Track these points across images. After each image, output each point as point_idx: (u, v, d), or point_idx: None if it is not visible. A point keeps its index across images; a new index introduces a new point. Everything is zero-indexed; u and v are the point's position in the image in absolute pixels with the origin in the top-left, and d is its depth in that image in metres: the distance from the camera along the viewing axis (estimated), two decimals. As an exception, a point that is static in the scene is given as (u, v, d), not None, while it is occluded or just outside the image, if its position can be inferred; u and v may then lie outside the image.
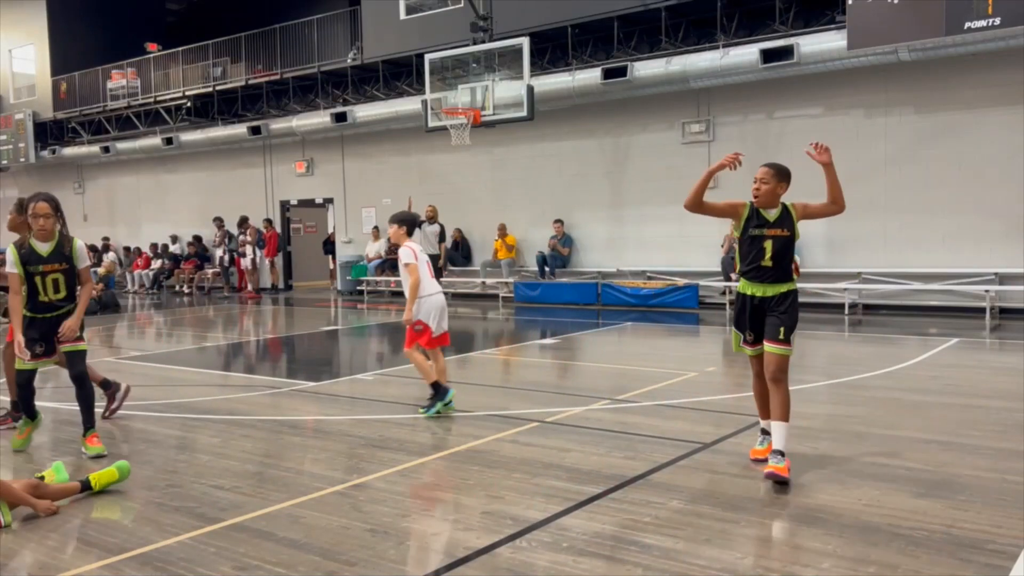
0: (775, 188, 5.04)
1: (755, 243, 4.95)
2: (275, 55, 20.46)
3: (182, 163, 24.01)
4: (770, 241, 4.90)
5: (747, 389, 7.83)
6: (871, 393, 7.25)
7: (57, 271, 5.65)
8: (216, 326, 14.86)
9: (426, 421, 6.59)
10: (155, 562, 3.82)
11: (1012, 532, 3.92)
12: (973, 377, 8.12)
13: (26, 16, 26.21)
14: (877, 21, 12.11)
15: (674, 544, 3.88)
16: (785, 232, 4.92)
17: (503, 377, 9.23)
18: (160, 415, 7.01)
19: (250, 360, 11.15)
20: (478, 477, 5.02)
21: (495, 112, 14.85)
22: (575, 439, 5.88)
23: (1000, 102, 12.57)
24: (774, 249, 4.89)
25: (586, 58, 15.92)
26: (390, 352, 11.68)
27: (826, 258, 14.17)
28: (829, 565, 3.61)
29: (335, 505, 4.57)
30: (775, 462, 4.73)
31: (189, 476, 5.20)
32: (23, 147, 26.05)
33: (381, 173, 19.91)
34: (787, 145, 14.42)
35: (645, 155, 15.86)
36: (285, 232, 22.32)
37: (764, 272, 4.92)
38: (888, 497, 4.46)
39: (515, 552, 3.84)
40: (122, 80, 23.66)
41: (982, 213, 12.77)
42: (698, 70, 14.12)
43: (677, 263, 15.38)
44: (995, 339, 10.79)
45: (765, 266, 4.90)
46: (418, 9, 17.78)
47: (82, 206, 27.09)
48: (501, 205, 17.84)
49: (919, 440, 5.63)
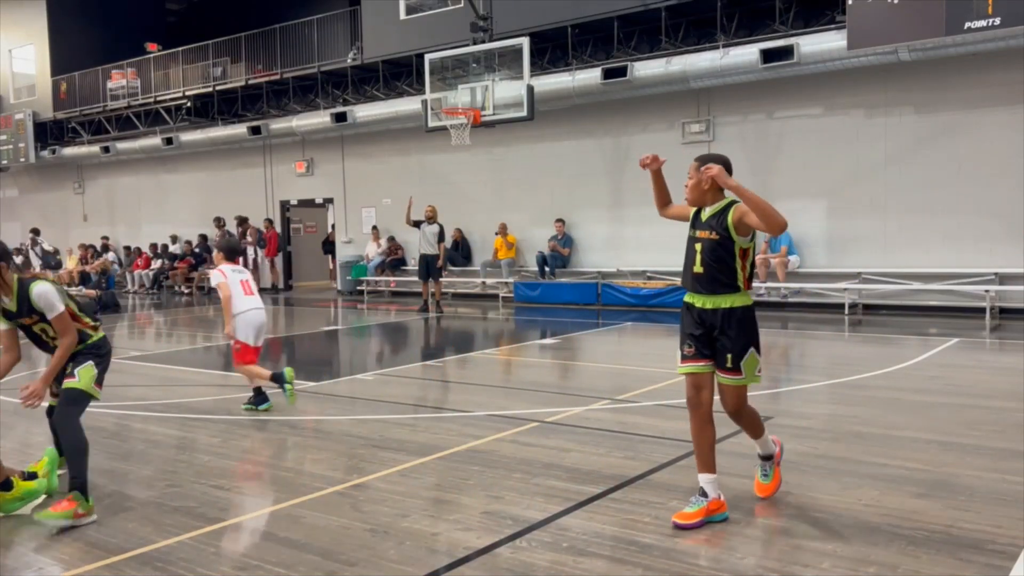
0: (699, 183, 4.32)
1: (689, 246, 4.38)
2: (275, 55, 20.46)
3: (182, 163, 24.01)
4: (699, 244, 4.28)
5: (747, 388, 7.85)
6: (871, 393, 7.25)
7: (39, 322, 4.62)
8: (216, 326, 14.85)
9: (426, 422, 6.60)
10: (155, 562, 3.82)
11: (1012, 532, 3.92)
12: (973, 377, 8.11)
13: (26, 16, 26.21)
14: (877, 21, 12.10)
15: (674, 544, 3.88)
16: (713, 235, 4.21)
17: (503, 377, 9.23)
18: (160, 415, 7.01)
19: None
20: (478, 477, 5.02)
21: (495, 112, 14.85)
22: (575, 439, 5.88)
23: (1000, 102, 12.57)
24: (703, 254, 4.25)
25: (586, 58, 15.91)
26: (390, 352, 11.68)
27: (826, 258, 14.17)
28: (829, 565, 3.61)
29: (335, 505, 4.57)
30: (763, 475, 4.55)
31: (189, 476, 5.20)
32: (23, 147, 26.05)
33: (381, 173, 19.91)
34: (787, 145, 14.45)
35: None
36: (285, 232, 22.32)
37: (697, 280, 4.30)
38: (888, 497, 4.46)
39: (515, 552, 3.84)
40: (122, 80, 23.66)
41: (982, 213, 12.77)
42: (698, 70, 14.12)
43: (677, 263, 15.16)
44: (995, 339, 10.78)
45: (697, 273, 4.30)
46: (418, 9, 17.78)
47: (82, 206, 27.09)
48: (501, 205, 17.84)
49: (919, 440, 5.63)
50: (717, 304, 4.25)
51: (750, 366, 4.24)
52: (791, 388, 7.91)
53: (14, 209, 28.78)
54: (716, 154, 4.39)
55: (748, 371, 4.24)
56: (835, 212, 14.03)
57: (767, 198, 4.11)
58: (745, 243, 4.24)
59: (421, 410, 7.12)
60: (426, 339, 12.51)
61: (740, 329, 4.22)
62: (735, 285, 4.24)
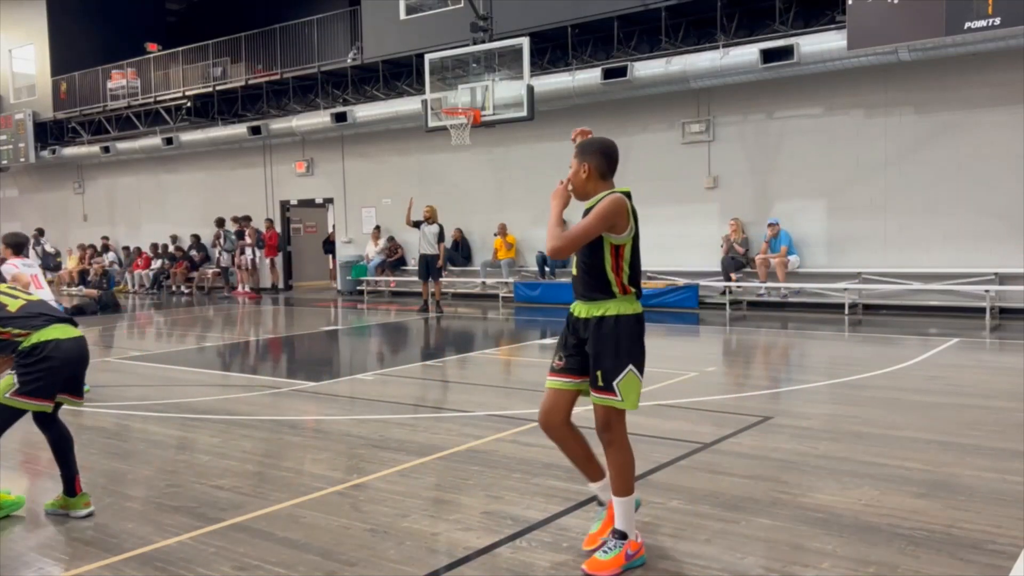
0: (577, 172, 3.73)
1: None
2: (275, 55, 20.46)
3: (182, 163, 24.01)
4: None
5: (747, 388, 7.88)
6: (871, 393, 7.25)
7: None
8: (216, 326, 14.86)
9: (426, 422, 6.59)
10: (155, 562, 3.82)
11: (1012, 532, 3.92)
12: (973, 377, 8.12)
13: (26, 16, 26.21)
14: (877, 21, 12.10)
15: (674, 544, 3.88)
16: None
17: (503, 377, 9.23)
18: (160, 415, 7.01)
19: (250, 360, 11.15)
20: (478, 477, 5.02)
21: (495, 112, 14.85)
22: (575, 439, 5.87)
23: (1000, 102, 12.57)
24: (578, 254, 3.68)
25: (586, 58, 15.91)
26: (390, 352, 11.68)
27: (826, 258, 14.17)
28: (829, 565, 3.61)
29: (335, 505, 4.57)
30: (603, 552, 3.58)
31: (189, 476, 5.20)
32: (23, 147, 26.04)
33: (381, 173, 19.91)
34: (787, 145, 14.44)
35: (645, 155, 15.85)
36: (285, 232, 22.32)
37: (574, 284, 3.75)
38: (888, 497, 4.46)
39: (515, 552, 3.84)
40: (122, 80, 23.65)
41: (982, 213, 12.77)
42: (698, 70, 14.12)
43: (677, 263, 15.38)
44: (995, 339, 10.78)
45: (573, 276, 3.76)
46: (418, 9, 17.78)
47: (82, 206, 27.09)
48: (501, 205, 17.84)
49: (919, 440, 5.63)
50: (590, 312, 3.63)
51: (627, 388, 3.56)
52: (791, 388, 7.91)
53: (14, 209, 28.77)
54: (597, 138, 3.83)
55: (625, 393, 3.56)
56: (835, 212, 14.03)
57: (767, 198, 3.97)
58: (617, 239, 3.58)
59: (421, 410, 7.12)
60: (426, 339, 12.51)
61: (612, 342, 3.56)
62: (608, 290, 3.60)
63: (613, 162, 3.76)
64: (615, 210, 3.55)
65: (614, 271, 3.60)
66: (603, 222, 3.55)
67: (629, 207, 3.62)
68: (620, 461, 3.63)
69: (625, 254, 3.62)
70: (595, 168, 3.71)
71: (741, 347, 10.95)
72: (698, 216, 15.19)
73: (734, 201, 14.83)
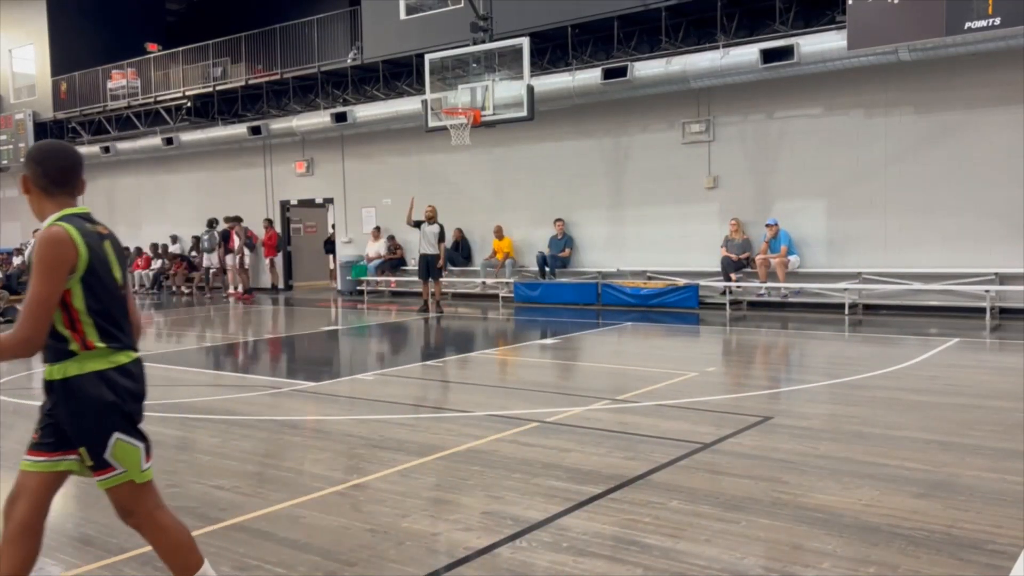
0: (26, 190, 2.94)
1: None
2: (275, 55, 20.45)
3: (182, 163, 24.00)
4: None
5: (747, 388, 7.89)
6: (871, 393, 7.25)
7: None
8: (216, 326, 14.87)
9: (426, 422, 6.59)
10: (155, 562, 3.80)
11: (1012, 532, 3.92)
12: (973, 377, 8.11)
13: (26, 16, 26.21)
14: (877, 21, 12.10)
15: (674, 544, 3.88)
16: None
17: (503, 377, 9.23)
18: (160, 415, 7.01)
19: (250, 360, 11.15)
20: (478, 477, 5.02)
21: (495, 112, 14.84)
22: (575, 439, 5.88)
23: (1000, 102, 12.57)
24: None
25: (586, 58, 15.91)
26: (390, 352, 11.68)
27: (826, 258, 14.17)
28: (829, 565, 3.61)
29: (335, 505, 4.57)
30: None
31: (189, 476, 5.20)
32: (23, 147, 26.04)
33: (381, 173, 19.91)
34: (787, 145, 14.44)
35: (645, 155, 15.86)
36: (285, 232, 22.31)
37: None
38: (888, 497, 4.46)
39: (515, 552, 3.84)
40: (122, 80, 23.66)
41: (982, 213, 12.77)
42: (698, 70, 14.11)
43: (677, 263, 15.37)
44: (995, 339, 10.78)
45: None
46: (418, 9, 17.78)
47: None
48: (501, 205, 17.84)
49: (919, 440, 5.63)
50: (49, 375, 2.83)
51: (125, 457, 2.85)
52: (791, 388, 7.91)
53: (14, 209, 28.76)
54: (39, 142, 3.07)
55: (127, 463, 2.86)
56: (835, 212, 14.02)
57: (767, 198, 3.94)
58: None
59: (421, 410, 7.12)
60: (426, 339, 12.51)
61: (78, 410, 2.78)
62: (63, 349, 2.78)
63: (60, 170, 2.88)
64: (55, 255, 2.69)
65: (65, 325, 2.76)
66: (53, 275, 2.68)
67: (75, 236, 2.74)
68: (165, 542, 2.98)
69: (76, 302, 2.76)
70: (32, 181, 2.88)
71: (741, 347, 10.95)
72: (698, 216, 15.19)
73: (734, 201, 14.83)
